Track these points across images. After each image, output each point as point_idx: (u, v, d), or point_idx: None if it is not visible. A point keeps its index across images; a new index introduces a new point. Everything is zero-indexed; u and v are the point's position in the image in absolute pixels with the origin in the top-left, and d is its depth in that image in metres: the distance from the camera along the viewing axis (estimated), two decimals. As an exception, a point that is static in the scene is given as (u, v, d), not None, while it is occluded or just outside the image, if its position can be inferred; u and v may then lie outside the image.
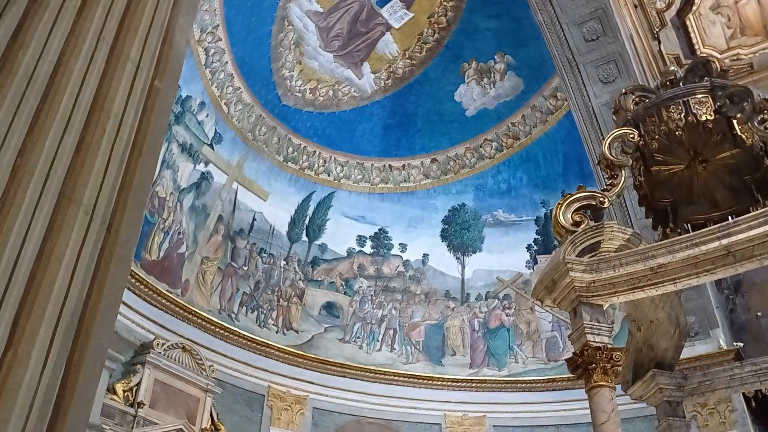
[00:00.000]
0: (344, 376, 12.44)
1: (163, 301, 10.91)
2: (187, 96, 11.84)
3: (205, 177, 12.31)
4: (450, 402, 12.32)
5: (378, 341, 13.26)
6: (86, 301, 1.57)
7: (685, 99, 6.29)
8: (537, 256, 13.27)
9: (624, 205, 11.40)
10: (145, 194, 1.86)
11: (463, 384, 12.57)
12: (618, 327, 10.64)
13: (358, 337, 13.22)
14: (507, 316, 13.29)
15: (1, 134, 1.48)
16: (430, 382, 12.60)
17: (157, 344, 10.37)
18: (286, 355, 12.27)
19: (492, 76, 13.79)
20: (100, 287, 1.62)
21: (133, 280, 10.41)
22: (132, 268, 10.47)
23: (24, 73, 1.57)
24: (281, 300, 12.98)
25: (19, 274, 1.40)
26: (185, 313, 11.23)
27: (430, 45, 13.83)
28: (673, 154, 6.54)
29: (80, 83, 1.70)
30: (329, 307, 13.48)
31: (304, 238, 13.73)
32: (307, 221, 13.82)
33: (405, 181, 14.43)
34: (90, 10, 1.79)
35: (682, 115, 6.29)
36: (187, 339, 10.92)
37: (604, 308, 5.59)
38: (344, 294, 13.66)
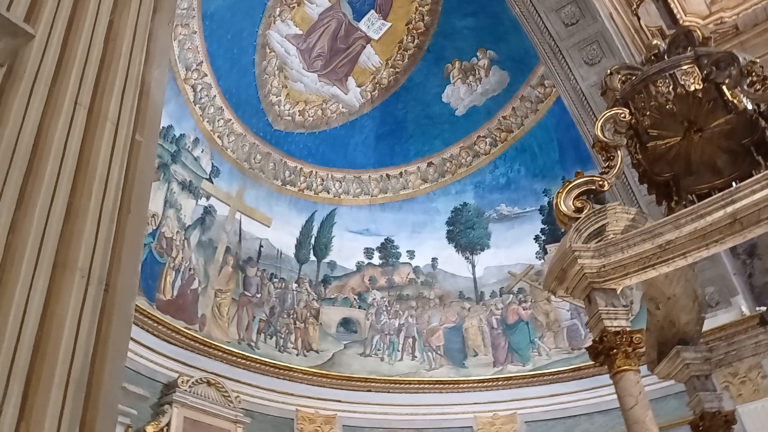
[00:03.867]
0: (370, 391, 12.41)
1: (183, 338, 10.96)
2: (181, 134, 11.97)
3: (208, 211, 12.40)
4: (478, 403, 12.24)
5: (399, 351, 13.22)
6: (92, 362, 1.59)
7: (671, 71, 6.28)
8: (546, 246, 13.19)
9: (627, 183, 11.36)
10: (138, 248, 1.88)
11: (490, 383, 12.50)
12: (638, 306, 10.58)
13: (379, 350, 13.19)
14: (524, 309, 13.23)
15: (-10, 211, 1.52)
16: (456, 385, 12.55)
17: (182, 382, 10.42)
18: (310, 377, 12.27)
19: (477, 73, 13.82)
20: (104, 347, 1.65)
21: (150, 321, 10.47)
22: (148, 309, 10.54)
23: (6, 147, 1.60)
24: (298, 322, 13.00)
25: (23, 345, 1.43)
26: (206, 348, 11.27)
27: (411, 51, 13.90)
28: (667, 128, 6.51)
29: (62, 150, 1.73)
30: (346, 323, 13.48)
31: (312, 258, 13.76)
32: (312, 241, 13.86)
33: (404, 189, 14.45)
34: (64, 76, 1.82)
35: (670, 87, 6.27)
36: (211, 373, 10.96)
37: (618, 292, 5.56)
38: (359, 308, 13.66)
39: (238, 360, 11.63)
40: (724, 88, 6.06)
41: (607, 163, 6.26)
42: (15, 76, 1.72)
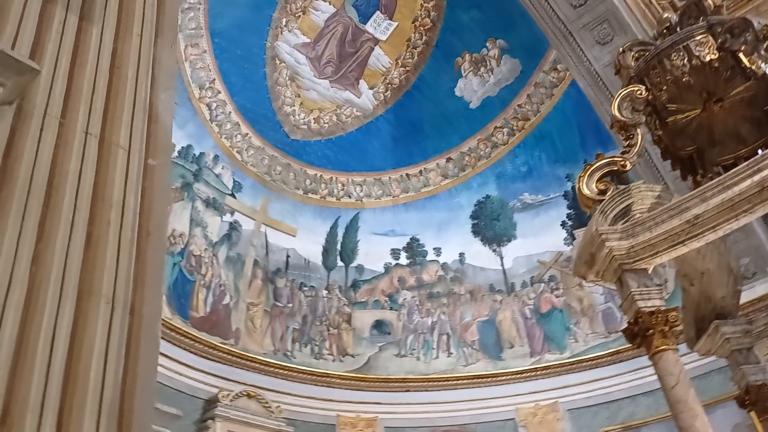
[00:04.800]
0: (408, 391, 12.41)
1: (219, 353, 11.13)
2: (201, 153, 12.16)
3: (233, 227, 12.57)
4: (519, 395, 12.15)
5: (434, 349, 13.17)
6: (123, 386, 1.62)
7: (685, 43, 6.16)
8: (573, 231, 13.04)
9: (651, 161, 11.17)
10: (160, 270, 1.91)
11: (528, 374, 12.38)
12: (673, 284, 10.41)
13: (414, 349, 13.17)
14: (557, 297, 13.07)
15: (12, 248, 1.56)
16: (494, 378, 12.46)
17: (223, 396, 10.56)
18: (348, 381, 12.32)
19: (488, 63, 13.73)
20: (133, 371, 1.67)
21: (186, 339, 10.64)
22: (183, 327, 10.72)
23: (23, 182, 1.64)
24: (331, 328, 13.06)
25: (54, 373, 1.46)
26: (243, 361, 11.41)
27: (420, 48, 13.88)
28: (686, 101, 6.39)
29: (77, 180, 1.77)
30: (379, 326, 13.49)
31: (340, 263, 13.82)
32: (339, 247, 13.93)
33: (425, 187, 14.42)
34: (73, 107, 1.86)
35: (685, 60, 6.15)
36: (250, 385, 11.09)
37: (649, 271, 5.48)
38: (390, 310, 13.66)
39: (276, 370, 11.74)
40: (741, 55, 5.92)
41: (627, 143, 6.18)
42: (25, 112, 1.76)
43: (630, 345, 5.94)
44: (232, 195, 12.70)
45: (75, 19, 2.05)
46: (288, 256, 13.30)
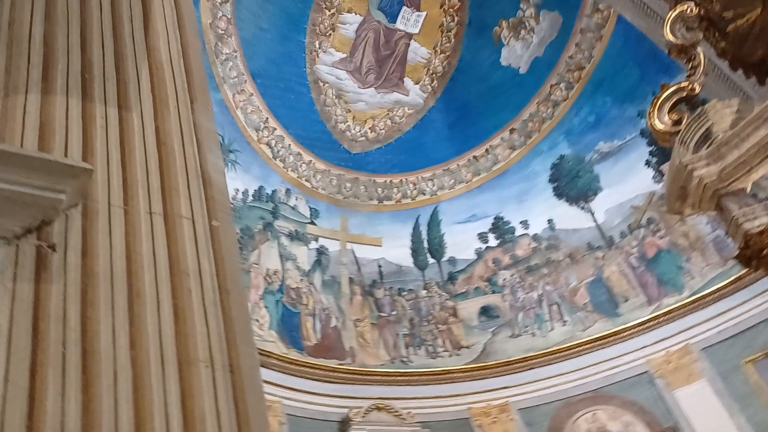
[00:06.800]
0: (532, 368, 12.19)
1: (340, 374, 11.43)
2: (273, 191, 12.58)
3: (321, 252, 12.93)
4: (646, 346, 11.64)
5: (547, 321, 12.88)
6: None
7: (727, -56, 5.79)
8: (660, 168, 12.40)
9: (724, 74, 10.49)
10: (247, 322, 2.00)
11: (651, 324, 11.80)
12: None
13: (527, 326, 12.94)
14: (660, 239, 12.43)
15: (109, 337, 1.68)
16: (616, 336, 11.99)
17: (354, 414, 10.81)
18: (470, 372, 12.28)
19: (527, 25, 13.36)
20: (246, 423, 1.75)
21: (306, 369, 11.02)
22: (300, 358, 11.10)
23: (104, 276, 1.77)
24: (439, 325, 13.09)
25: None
26: (364, 376, 11.64)
27: (454, 30, 13.73)
28: (742, 4, 5.97)
29: (153, 259, 1.88)
30: (486, 312, 13.36)
31: (431, 260, 13.84)
32: (426, 245, 13.97)
33: (495, 164, 14.17)
34: (133, 193, 1.99)
35: (731, -39, 5.79)
36: (377, 398, 11.29)
37: (748, 190, 5.16)
38: (493, 293, 13.50)
39: (397, 378, 11.90)
40: (791, -61, 5.49)
41: (690, 65, 5.90)
42: (91, 210, 1.90)
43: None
44: (312, 222, 13.05)
45: (115, 111, 2.18)
46: (380, 266, 13.49)
